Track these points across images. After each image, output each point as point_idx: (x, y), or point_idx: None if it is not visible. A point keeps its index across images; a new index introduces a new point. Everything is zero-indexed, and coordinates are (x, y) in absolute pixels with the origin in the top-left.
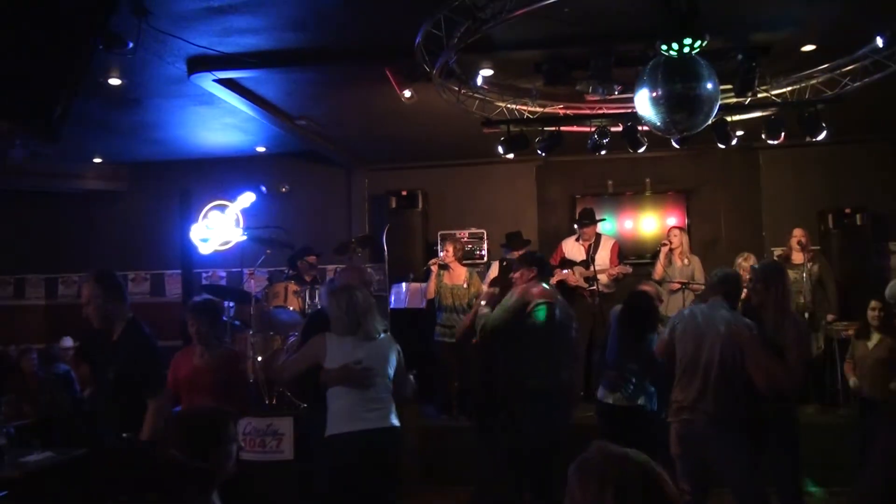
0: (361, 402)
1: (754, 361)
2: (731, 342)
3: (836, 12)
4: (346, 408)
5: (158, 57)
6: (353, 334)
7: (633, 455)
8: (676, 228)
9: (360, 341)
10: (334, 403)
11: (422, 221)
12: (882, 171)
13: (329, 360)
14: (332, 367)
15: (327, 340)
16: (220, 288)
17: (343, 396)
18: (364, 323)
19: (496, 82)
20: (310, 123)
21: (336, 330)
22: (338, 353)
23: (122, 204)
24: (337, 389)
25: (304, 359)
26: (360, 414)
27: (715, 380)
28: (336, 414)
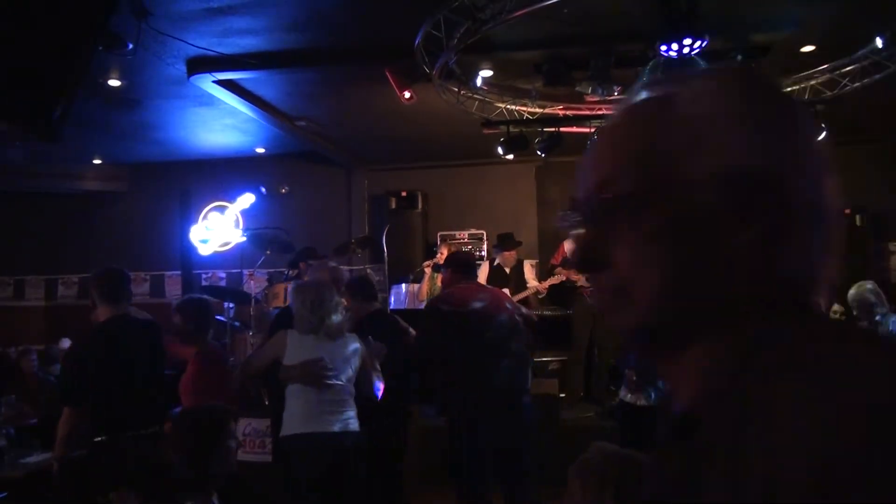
0: (319, 403)
1: None
2: None
3: (836, 13)
4: (303, 408)
5: (158, 58)
6: (314, 333)
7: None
8: None
9: (321, 340)
10: (291, 403)
11: (421, 222)
12: (882, 172)
13: (288, 356)
14: (289, 363)
15: (288, 337)
16: (220, 289)
17: (301, 396)
18: (327, 321)
19: (496, 83)
20: (309, 124)
21: (298, 327)
22: (298, 350)
23: (122, 205)
24: (295, 388)
25: (264, 355)
26: (316, 416)
27: None
28: (292, 414)
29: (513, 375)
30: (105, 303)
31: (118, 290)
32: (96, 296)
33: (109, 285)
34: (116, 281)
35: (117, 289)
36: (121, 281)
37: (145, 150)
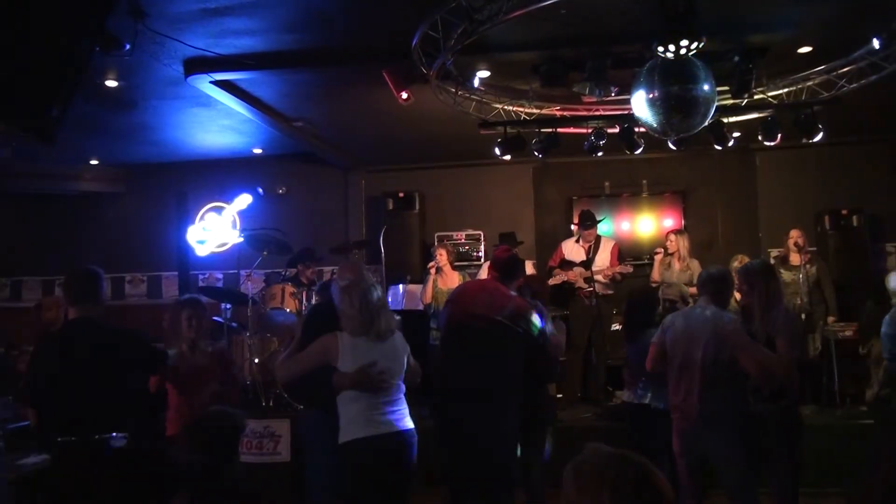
0: (376, 405)
1: (745, 353)
2: (717, 341)
3: (833, 14)
4: (361, 412)
5: (155, 59)
6: (366, 334)
7: (629, 456)
8: (673, 233)
9: (373, 342)
10: (348, 408)
11: (419, 223)
12: (879, 173)
13: (342, 362)
14: (346, 369)
15: (339, 341)
16: (217, 290)
17: (357, 400)
18: (377, 322)
19: (493, 84)
20: (307, 125)
21: (348, 329)
22: (352, 354)
23: (119, 206)
24: (350, 393)
25: (311, 358)
26: (376, 418)
27: (702, 379)
28: (350, 419)
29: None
30: (71, 304)
31: (83, 291)
32: (64, 296)
33: (75, 286)
34: (82, 282)
35: (83, 290)
36: (86, 281)
37: (142, 151)
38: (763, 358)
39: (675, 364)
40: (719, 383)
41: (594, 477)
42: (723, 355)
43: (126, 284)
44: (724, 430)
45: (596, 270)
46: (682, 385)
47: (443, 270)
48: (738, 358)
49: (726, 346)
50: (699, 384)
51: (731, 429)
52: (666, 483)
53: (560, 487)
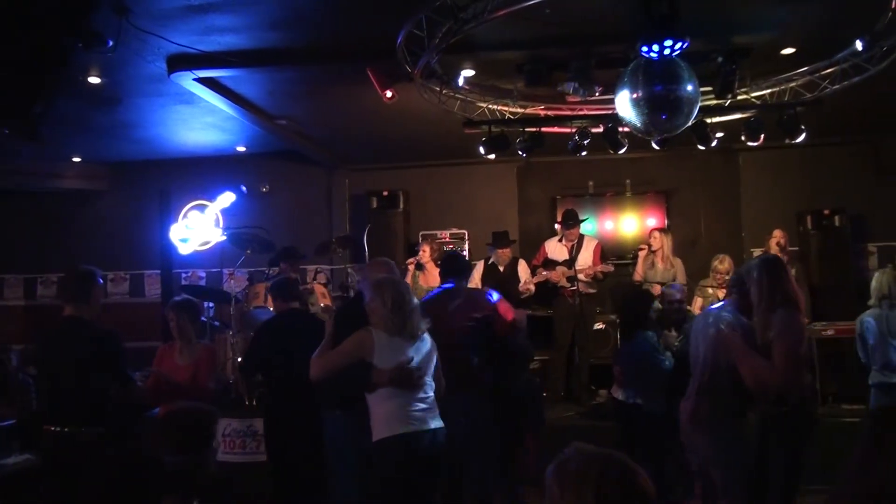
0: (410, 403)
1: (739, 360)
2: (717, 343)
3: (816, 16)
4: (396, 410)
5: (139, 55)
6: (400, 333)
7: (612, 455)
8: (657, 231)
9: (407, 341)
10: (381, 405)
11: (403, 222)
12: (861, 173)
13: (378, 358)
14: (383, 365)
15: (375, 337)
16: (200, 288)
17: (392, 398)
18: (410, 322)
19: (478, 83)
20: (290, 123)
21: (383, 327)
22: (388, 352)
23: (102, 203)
24: (384, 390)
25: (346, 354)
26: (410, 415)
27: (699, 382)
28: (384, 416)
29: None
30: (65, 302)
31: (75, 291)
32: (58, 294)
33: (69, 285)
34: (75, 281)
35: (75, 289)
36: (79, 281)
37: (125, 149)
38: (756, 367)
39: (692, 365)
40: (716, 388)
41: (578, 476)
42: (721, 359)
43: (108, 283)
44: (710, 433)
45: (579, 269)
46: (692, 385)
47: (425, 267)
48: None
49: (724, 350)
50: (696, 386)
51: (719, 433)
52: (648, 482)
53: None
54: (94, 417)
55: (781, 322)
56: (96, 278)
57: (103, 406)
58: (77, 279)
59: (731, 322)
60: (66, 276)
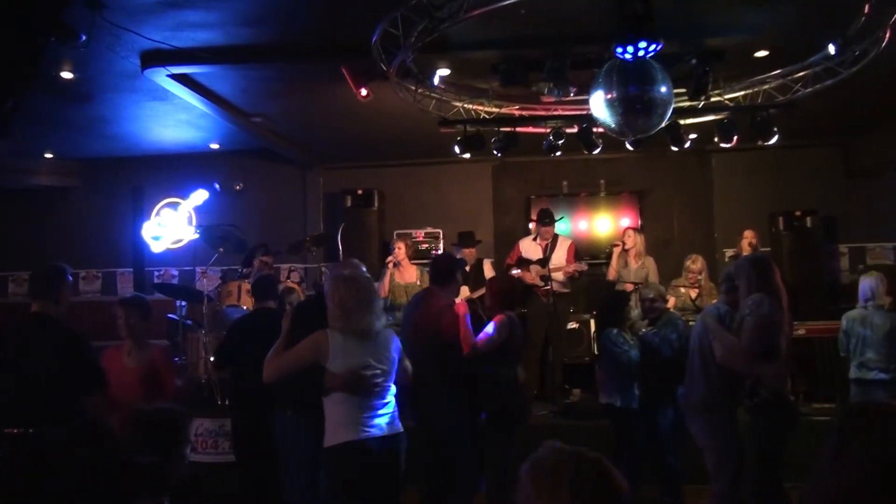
0: (366, 408)
1: (714, 336)
2: (703, 331)
3: (789, 19)
4: (349, 415)
5: (112, 51)
6: (355, 332)
7: (586, 453)
8: (631, 229)
9: (364, 340)
10: (335, 410)
11: (377, 221)
12: (832, 175)
13: (332, 361)
14: (336, 370)
15: (330, 339)
16: (173, 287)
17: (346, 402)
18: (371, 320)
19: (453, 82)
20: (265, 121)
21: (337, 327)
22: (342, 354)
23: (74, 200)
24: (339, 395)
25: (300, 357)
26: (364, 421)
27: (694, 369)
28: (337, 422)
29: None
30: (32, 299)
31: (43, 288)
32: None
33: (37, 282)
34: (43, 279)
35: (43, 286)
36: (47, 279)
37: (98, 145)
38: (725, 343)
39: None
40: (701, 375)
41: (552, 475)
42: (704, 345)
43: (80, 281)
44: (695, 419)
45: (552, 269)
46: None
47: (401, 265)
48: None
49: (705, 335)
50: (694, 372)
51: (709, 419)
52: (622, 480)
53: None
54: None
55: (754, 303)
56: (65, 276)
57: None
58: (45, 276)
59: (712, 311)
60: (35, 272)
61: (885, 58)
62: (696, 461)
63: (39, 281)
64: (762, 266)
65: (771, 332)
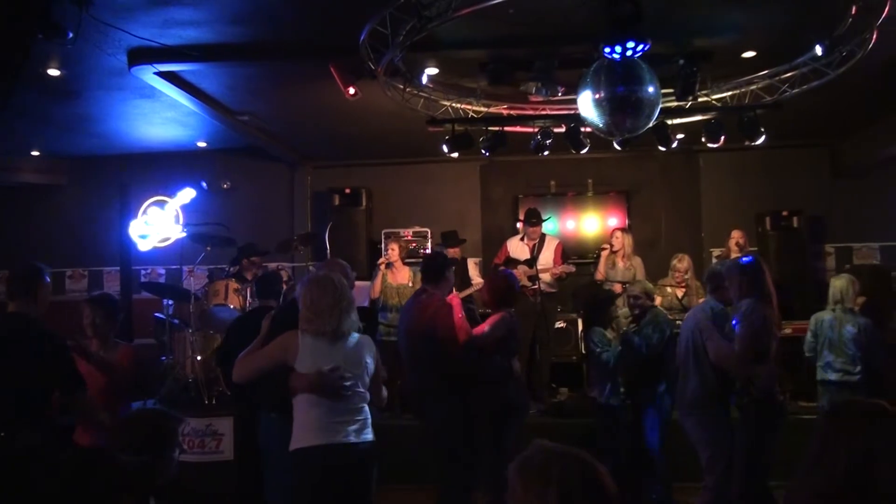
0: (334, 412)
1: (706, 337)
2: (694, 327)
3: (777, 20)
4: (317, 418)
5: (99, 48)
6: (326, 334)
7: (573, 452)
8: (619, 230)
9: (334, 343)
10: (303, 413)
11: (365, 219)
12: (819, 176)
13: (300, 362)
14: (303, 370)
15: (300, 339)
16: (160, 285)
17: (314, 405)
18: (341, 322)
19: (441, 81)
20: (252, 119)
21: (308, 328)
22: (310, 355)
23: (61, 198)
24: (307, 397)
25: (268, 356)
26: (332, 426)
27: (688, 366)
28: (304, 425)
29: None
30: (10, 299)
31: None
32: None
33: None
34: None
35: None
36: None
37: (85, 143)
38: (718, 346)
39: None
40: (695, 372)
41: (540, 474)
42: (697, 343)
43: (66, 279)
44: (689, 416)
45: (540, 269)
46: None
47: (394, 265)
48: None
49: (699, 334)
50: (686, 370)
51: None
52: (610, 479)
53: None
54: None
55: (745, 309)
56: (43, 275)
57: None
58: (23, 275)
59: (705, 309)
60: (12, 272)
61: (871, 59)
62: (686, 459)
63: (17, 280)
64: (752, 270)
65: (761, 338)
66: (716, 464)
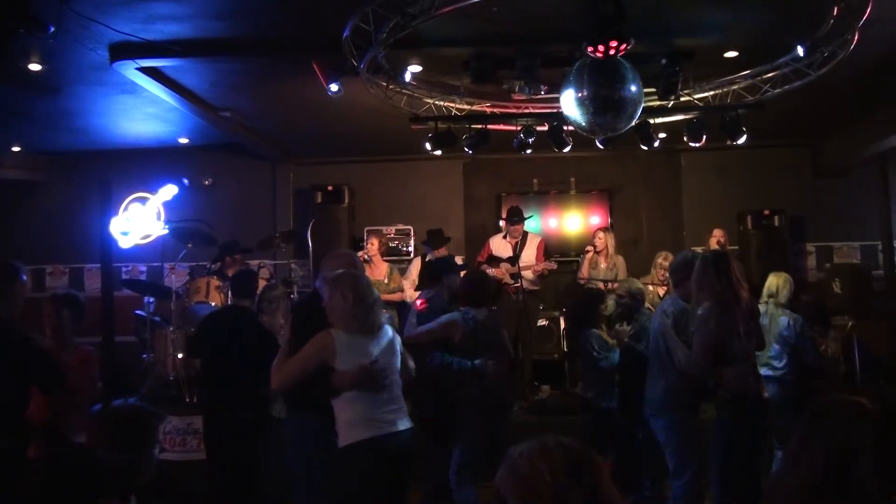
0: (378, 404)
1: (669, 343)
2: (662, 331)
3: (759, 21)
4: (364, 412)
5: (80, 43)
6: (362, 330)
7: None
8: (601, 230)
9: (369, 337)
10: (348, 409)
11: (347, 217)
12: (800, 175)
13: (340, 360)
14: (343, 368)
15: (335, 338)
16: (141, 283)
17: (358, 401)
18: (371, 316)
19: (424, 79)
20: (234, 115)
21: (343, 326)
22: (349, 353)
23: (41, 195)
24: (350, 394)
25: (308, 359)
26: (379, 418)
27: (654, 368)
28: (352, 420)
29: None
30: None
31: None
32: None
33: None
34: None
35: None
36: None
37: (65, 139)
38: (678, 354)
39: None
40: (661, 375)
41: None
42: (660, 347)
43: (47, 276)
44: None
45: (522, 266)
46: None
47: (372, 261)
48: None
49: (661, 337)
50: (650, 373)
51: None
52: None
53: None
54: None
55: (701, 317)
56: (17, 274)
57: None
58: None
59: (666, 309)
60: None
61: (852, 60)
62: None
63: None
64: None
65: (721, 341)
66: (684, 469)
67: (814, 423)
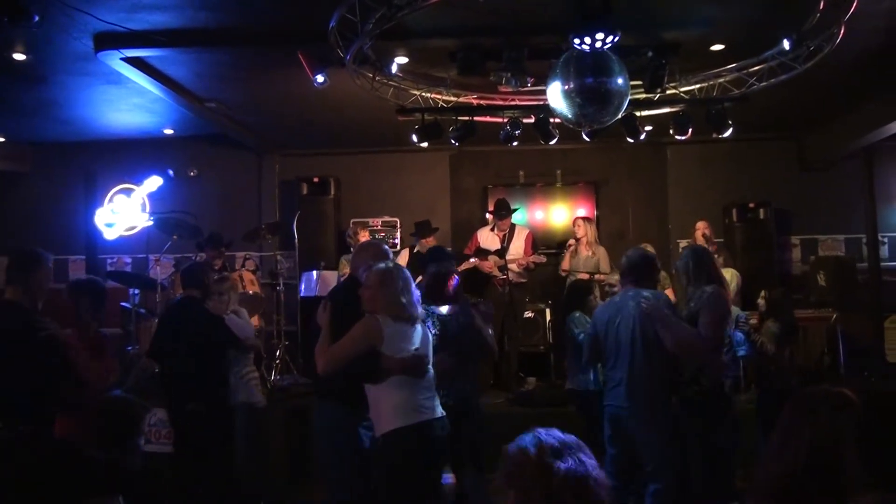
0: (419, 391)
1: (663, 327)
2: (641, 319)
3: (745, 14)
4: (407, 399)
5: (65, 32)
6: (407, 319)
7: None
8: (581, 219)
9: (413, 326)
10: (391, 395)
11: (333, 209)
12: (785, 168)
13: (388, 346)
14: (394, 353)
15: (382, 324)
16: (126, 275)
17: (401, 387)
18: (415, 305)
19: (411, 70)
20: (220, 106)
21: (391, 313)
22: (395, 339)
23: (25, 186)
24: (394, 380)
25: (355, 343)
26: (421, 404)
27: (631, 363)
28: (395, 407)
29: None
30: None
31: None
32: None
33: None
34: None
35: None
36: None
37: (49, 129)
38: (681, 333)
39: (610, 349)
40: (647, 365)
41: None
42: (647, 333)
43: None
44: (651, 410)
45: (510, 259)
46: (620, 366)
47: None
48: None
49: (648, 322)
50: (628, 368)
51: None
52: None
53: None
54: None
55: (711, 295)
56: (41, 261)
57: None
58: (17, 260)
59: (649, 297)
60: (10, 255)
61: (838, 54)
62: None
63: (11, 265)
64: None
65: (725, 325)
66: (665, 468)
67: (798, 414)
